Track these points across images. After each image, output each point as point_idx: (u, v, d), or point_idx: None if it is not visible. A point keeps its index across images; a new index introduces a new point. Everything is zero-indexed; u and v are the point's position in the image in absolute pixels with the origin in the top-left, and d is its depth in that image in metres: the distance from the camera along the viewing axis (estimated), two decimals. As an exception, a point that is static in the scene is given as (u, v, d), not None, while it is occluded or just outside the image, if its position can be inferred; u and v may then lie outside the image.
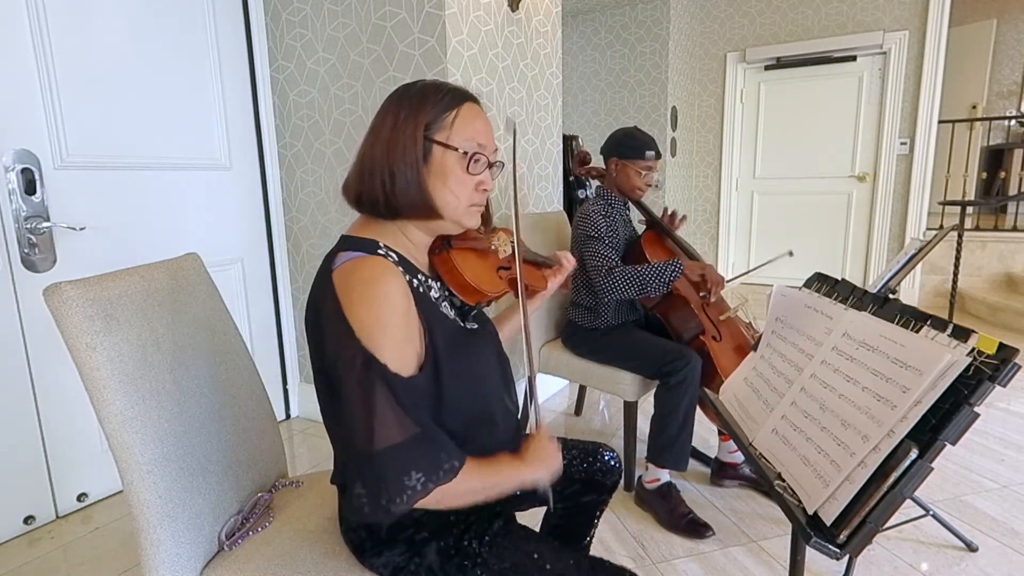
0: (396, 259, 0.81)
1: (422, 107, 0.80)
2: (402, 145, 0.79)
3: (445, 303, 0.87)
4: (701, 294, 1.80)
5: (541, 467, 0.82)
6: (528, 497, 1.01)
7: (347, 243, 0.82)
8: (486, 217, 0.94)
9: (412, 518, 0.86)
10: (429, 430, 0.73)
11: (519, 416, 1.02)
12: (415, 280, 0.82)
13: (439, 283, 0.89)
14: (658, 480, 1.76)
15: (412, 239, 0.86)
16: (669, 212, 2.03)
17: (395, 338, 0.73)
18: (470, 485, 0.75)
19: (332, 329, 0.74)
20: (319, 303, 0.78)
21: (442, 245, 0.90)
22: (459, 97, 0.83)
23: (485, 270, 0.92)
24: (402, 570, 0.85)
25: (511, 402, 0.97)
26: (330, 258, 0.80)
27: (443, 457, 0.73)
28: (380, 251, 0.80)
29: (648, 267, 1.74)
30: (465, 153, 0.81)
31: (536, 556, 0.84)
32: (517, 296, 1.01)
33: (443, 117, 0.80)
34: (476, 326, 0.92)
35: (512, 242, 0.94)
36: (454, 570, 0.83)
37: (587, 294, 1.95)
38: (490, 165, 0.85)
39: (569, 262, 1.13)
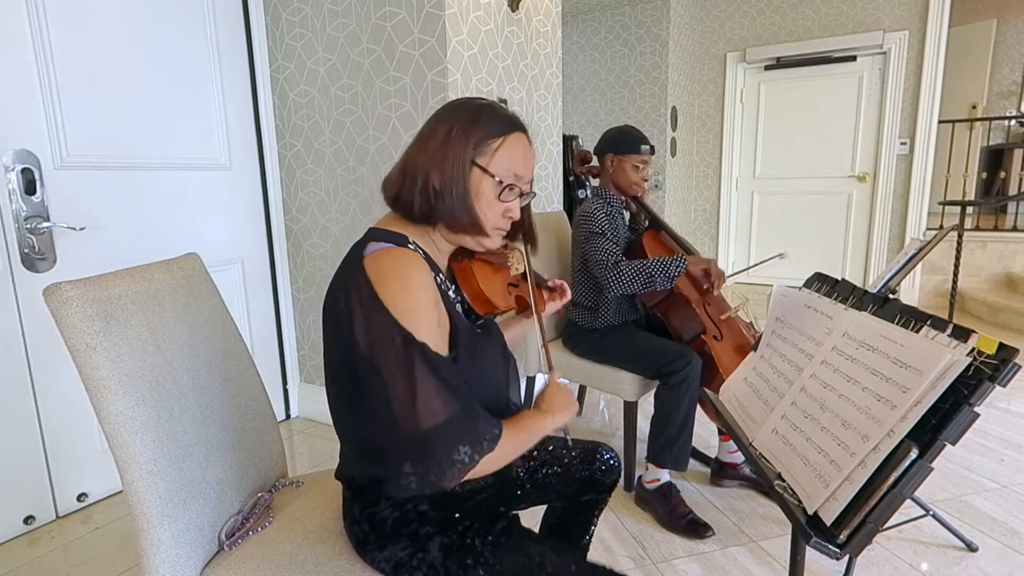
0: (423, 255, 0.85)
1: (475, 127, 0.84)
2: (451, 161, 0.82)
3: (457, 306, 0.90)
4: (705, 287, 1.81)
5: (561, 413, 0.88)
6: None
7: (377, 234, 0.85)
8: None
9: (417, 512, 0.86)
10: (469, 404, 0.76)
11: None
12: (437, 278, 0.85)
13: (454, 286, 0.94)
14: (658, 480, 1.76)
15: (437, 244, 0.90)
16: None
17: (430, 321, 0.76)
18: (506, 449, 0.79)
19: (365, 313, 0.75)
20: (347, 289, 0.79)
21: (464, 253, 0.96)
22: (510, 125, 0.87)
23: (498, 284, 0.98)
24: (404, 565, 0.85)
25: (515, 402, 0.98)
26: (360, 246, 0.83)
27: (484, 428, 0.76)
28: (410, 245, 0.84)
29: (653, 261, 1.74)
30: (500, 182, 0.84)
31: (538, 557, 0.85)
32: (519, 313, 1.05)
33: (490, 142, 0.84)
34: (481, 331, 0.95)
35: (523, 262, 1.01)
36: (455, 566, 0.84)
37: (587, 294, 1.94)
38: (521, 194, 0.89)
39: (568, 292, 1.21)
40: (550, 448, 1.09)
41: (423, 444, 0.72)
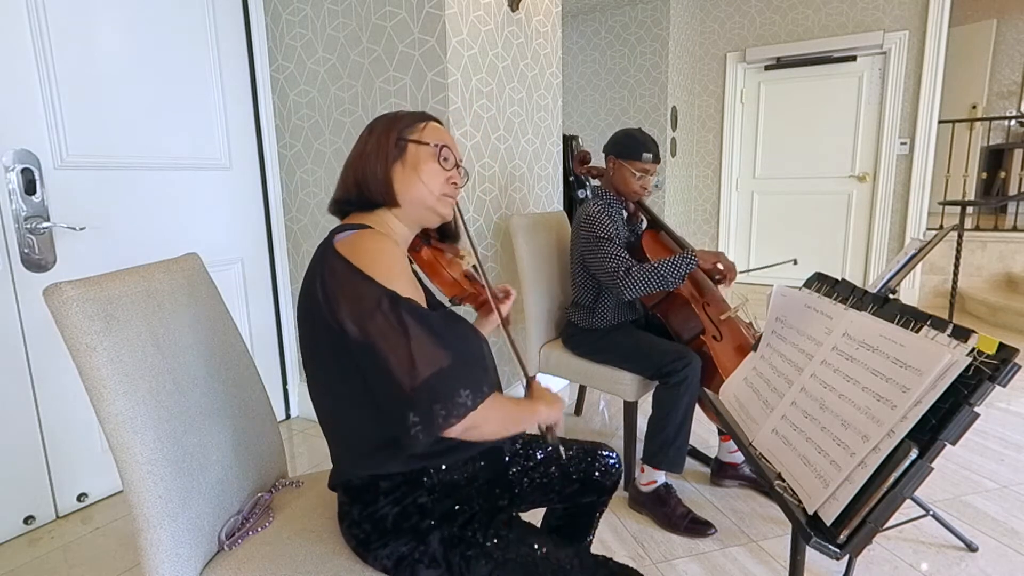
0: None
1: (396, 121, 0.93)
2: (377, 147, 0.91)
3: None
4: (716, 277, 1.82)
5: (550, 405, 0.92)
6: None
7: (342, 228, 0.89)
8: (455, 232, 1.07)
9: (416, 505, 0.87)
10: (464, 353, 0.80)
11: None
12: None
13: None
14: (654, 483, 1.76)
15: (396, 231, 0.93)
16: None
17: (409, 282, 0.81)
18: (499, 413, 0.81)
19: (347, 290, 0.79)
20: (323, 277, 0.82)
21: (422, 242, 1.02)
22: (428, 116, 0.97)
23: (457, 270, 1.04)
24: (406, 559, 0.86)
25: (495, 375, 1.00)
26: (327, 239, 0.86)
27: (480, 376, 0.79)
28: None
29: (664, 262, 1.73)
30: (436, 146, 0.92)
31: (537, 548, 0.85)
32: (477, 308, 1.10)
33: (415, 125, 0.94)
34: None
35: (473, 264, 1.06)
36: (457, 559, 0.85)
37: (587, 294, 1.94)
38: (456, 166, 0.95)
39: (512, 293, 1.16)
40: (549, 448, 1.09)
41: (427, 390, 0.74)
